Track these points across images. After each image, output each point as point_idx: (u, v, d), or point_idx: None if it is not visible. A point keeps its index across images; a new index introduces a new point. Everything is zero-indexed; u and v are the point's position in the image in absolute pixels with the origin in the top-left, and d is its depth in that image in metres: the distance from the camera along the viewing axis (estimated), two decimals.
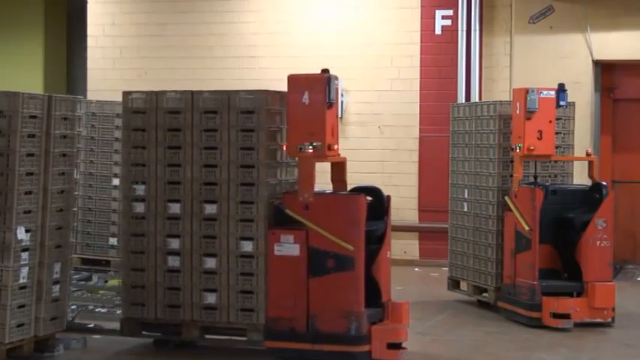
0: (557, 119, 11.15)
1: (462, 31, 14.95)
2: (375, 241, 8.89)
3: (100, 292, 11.93)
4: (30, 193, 8.63)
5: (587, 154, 11.21)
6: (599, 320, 10.51)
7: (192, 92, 9.18)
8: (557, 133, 11.20)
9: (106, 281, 12.65)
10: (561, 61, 14.78)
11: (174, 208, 9.13)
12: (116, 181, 13.63)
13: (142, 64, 16.40)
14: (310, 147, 8.71)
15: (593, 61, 14.81)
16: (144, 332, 9.31)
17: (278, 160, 9.16)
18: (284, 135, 9.16)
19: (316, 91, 8.79)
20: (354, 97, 15.51)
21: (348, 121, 15.56)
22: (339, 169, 9.34)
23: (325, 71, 8.91)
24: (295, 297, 8.68)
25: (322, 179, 9.39)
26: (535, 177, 11.15)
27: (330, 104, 8.81)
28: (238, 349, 9.19)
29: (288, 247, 8.71)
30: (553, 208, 10.69)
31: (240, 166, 8.96)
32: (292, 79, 8.92)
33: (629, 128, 15.34)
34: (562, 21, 14.86)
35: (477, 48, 14.92)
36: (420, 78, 15.26)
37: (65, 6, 18.27)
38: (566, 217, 10.71)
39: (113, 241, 13.56)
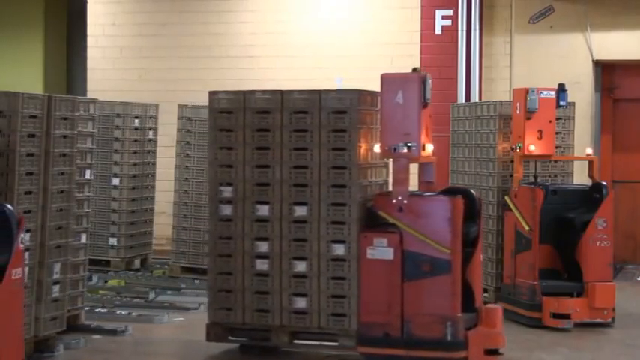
0: (557, 119, 11.15)
1: (462, 31, 14.94)
2: (469, 244, 8.64)
3: (100, 292, 11.94)
4: (30, 193, 8.63)
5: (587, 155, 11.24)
6: (599, 320, 10.51)
7: (281, 92, 8.96)
8: (557, 133, 11.21)
9: (106, 281, 12.66)
10: (561, 61, 14.78)
11: (263, 211, 8.93)
12: (116, 181, 13.66)
13: (142, 64, 16.40)
14: (405, 148, 8.49)
15: (593, 61, 14.81)
16: (230, 337, 9.07)
17: (369, 162, 8.94)
18: (375, 135, 8.95)
19: (411, 91, 8.56)
20: None
21: None
22: (428, 170, 9.05)
23: (416, 70, 8.73)
24: (389, 301, 8.45)
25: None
26: (535, 177, 11.15)
27: (425, 104, 8.60)
28: (328, 354, 9.00)
29: (382, 250, 8.48)
30: (553, 208, 10.68)
31: (332, 168, 8.75)
32: (386, 78, 8.68)
33: (629, 128, 15.34)
34: (562, 21, 14.85)
35: (477, 48, 14.92)
36: None
37: (65, 6, 18.27)
38: (566, 217, 10.71)
39: (113, 241, 13.57)
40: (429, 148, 8.77)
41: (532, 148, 10.68)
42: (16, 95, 8.54)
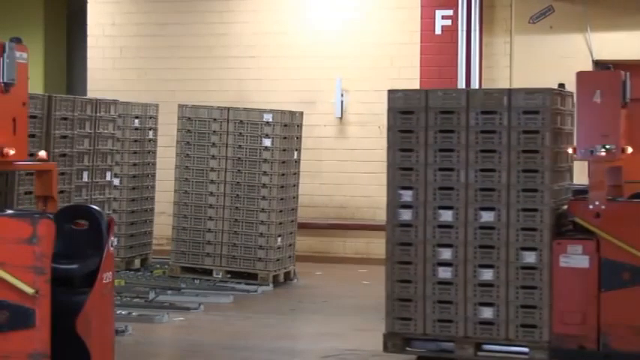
0: None
1: (462, 31, 14.94)
2: None
3: None
4: (30, 193, 8.63)
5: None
6: None
7: (467, 91, 8.58)
8: None
9: None
10: (561, 61, 14.77)
11: (446, 216, 8.45)
12: (116, 181, 13.64)
13: (142, 64, 16.41)
14: (603, 150, 8.14)
15: (593, 61, 14.81)
16: (407, 348, 8.60)
17: (560, 165, 8.55)
18: (563, 137, 8.60)
19: (610, 90, 8.16)
20: (354, 97, 15.52)
21: (348, 121, 15.56)
22: (616, 174, 8.72)
23: (607, 67, 8.39)
24: (584, 312, 8.07)
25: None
26: None
27: (625, 104, 8.25)
28: None
29: (576, 258, 8.09)
30: None
31: (522, 171, 8.27)
32: (582, 77, 8.33)
33: (629, 128, 15.30)
34: (562, 21, 14.86)
35: (477, 48, 14.92)
36: (420, 78, 15.25)
37: (65, 6, 18.28)
38: None
39: (113, 240, 13.55)
40: (628, 150, 8.42)
41: None
42: None
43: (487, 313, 8.34)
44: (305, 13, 15.82)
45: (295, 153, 13.31)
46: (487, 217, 8.36)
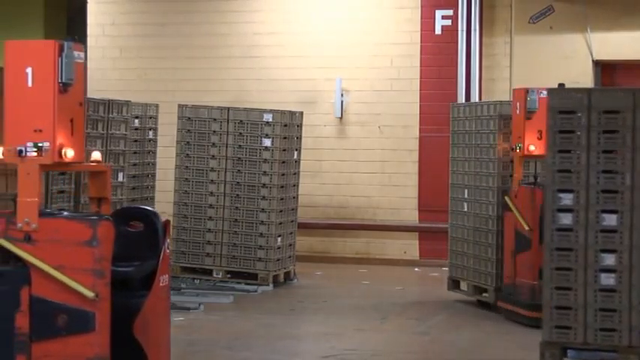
0: None
1: (462, 31, 14.95)
2: None
3: None
4: None
5: None
6: None
7: (633, 91, 8.20)
8: None
9: None
10: (561, 61, 14.78)
11: (610, 220, 8.10)
12: None
13: (142, 64, 16.41)
14: None
15: (593, 61, 14.82)
16: (565, 358, 8.31)
17: None
18: None
19: None
20: (354, 97, 15.53)
21: (348, 121, 15.57)
22: None
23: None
24: None
25: None
26: (535, 177, 11.15)
27: None
28: None
29: None
30: None
31: None
32: None
33: None
34: (562, 21, 14.86)
35: (477, 48, 14.93)
36: (420, 78, 15.27)
37: (65, 6, 18.27)
38: None
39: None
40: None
41: (532, 148, 10.69)
42: None
43: None
44: (305, 13, 15.82)
45: (295, 153, 13.32)
46: None
